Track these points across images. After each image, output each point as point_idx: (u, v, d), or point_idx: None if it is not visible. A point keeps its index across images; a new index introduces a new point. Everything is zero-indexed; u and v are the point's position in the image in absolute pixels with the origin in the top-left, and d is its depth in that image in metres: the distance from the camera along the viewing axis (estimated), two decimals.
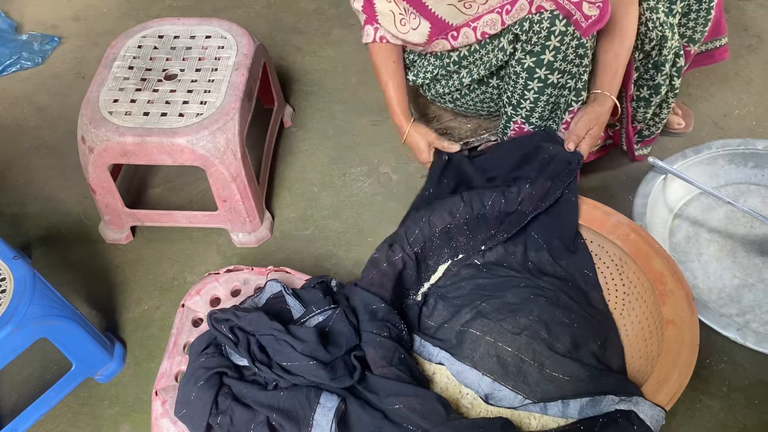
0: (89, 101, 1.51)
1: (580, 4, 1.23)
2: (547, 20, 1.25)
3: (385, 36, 1.43)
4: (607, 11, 1.24)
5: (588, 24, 1.24)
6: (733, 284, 1.51)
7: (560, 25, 1.25)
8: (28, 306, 1.20)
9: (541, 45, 1.28)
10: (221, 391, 1.12)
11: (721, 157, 1.66)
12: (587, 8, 1.23)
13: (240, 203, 1.55)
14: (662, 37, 1.39)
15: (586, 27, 1.24)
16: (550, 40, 1.27)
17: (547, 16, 1.24)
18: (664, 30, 1.38)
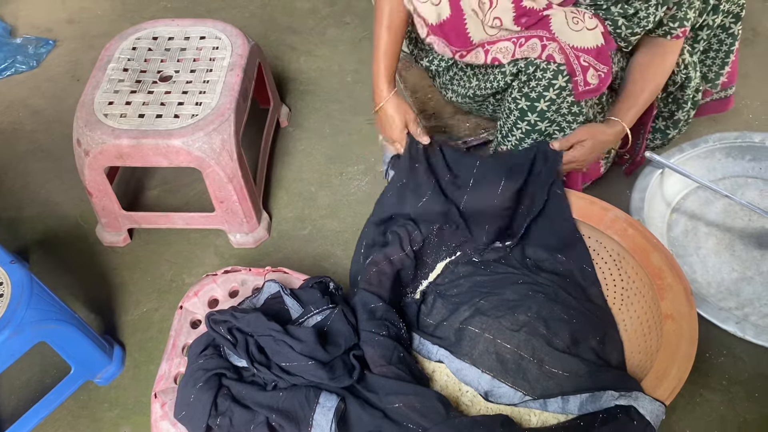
0: (84, 104, 1.51)
1: (587, 69, 1.26)
2: (552, 72, 1.26)
3: None
4: (604, 84, 1.28)
5: (584, 90, 1.28)
6: (731, 278, 1.51)
7: (561, 80, 1.27)
8: (26, 310, 1.20)
9: (538, 93, 1.30)
10: (220, 392, 1.12)
11: (718, 151, 1.66)
12: (591, 75, 1.26)
13: (237, 204, 1.55)
14: (686, 78, 1.44)
15: (581, 91, 1.28)
16: (548, 91, 1.29)
17: (553, 68, 1.26)
18: (689, 71, 1.44)
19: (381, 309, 1.23)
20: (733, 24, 1.42)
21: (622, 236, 1.33)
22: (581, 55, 1.26)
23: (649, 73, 1.39)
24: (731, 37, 1.45)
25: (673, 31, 1.34)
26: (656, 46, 1.38)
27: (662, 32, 1.35)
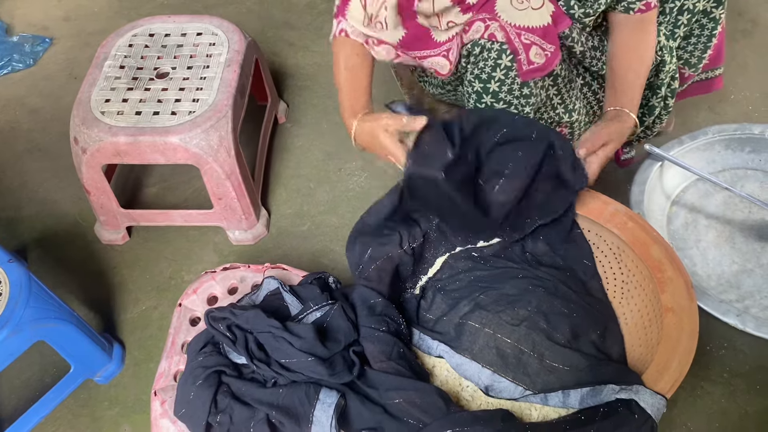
0: (81, 102, 1.50)
1: (529, 47, 1.24)
2: (495, 51, 1.25)
3: (347, 29, 1.29)
4: (552, 63, 1.26)
5: (528, 69, 1.26)
6: (732, 270, 1.50)
7: (506, 60, 1.26)
8: (24, 309, 1.20)
9: (487, 74, 1.28)
10: (220, 389, 1.12)
11: (717, 143, 1.66)
12: (534, 53, 1.24)
13: (235, 201, 1.54)
14: (661, 61, 1.40)
15: (525, 71, 1.26)
16: (496, 71, 1.27)
17: (496, 48, 1.25)
18: (663, 54, 1.39)
19: (380, 305, 1.23)
20: (714, 8, 1.39)
21: (621, 229, 1.32)
22: (523, 33, 1.24)
23: (634, 56, 1.34)
24: (713, 21, 1.42)
25: (633, 6, 1.30)
26: (628, 26, 1.33)
27: (622, 8, 1.31)
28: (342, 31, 1.29)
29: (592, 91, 1.48)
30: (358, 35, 1.28)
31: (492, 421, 1.07)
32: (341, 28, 1.29)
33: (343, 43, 1.30)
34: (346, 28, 1.28)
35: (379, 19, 1.26)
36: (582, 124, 1.48)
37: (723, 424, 1.31)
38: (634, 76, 1.35)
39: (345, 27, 1.28)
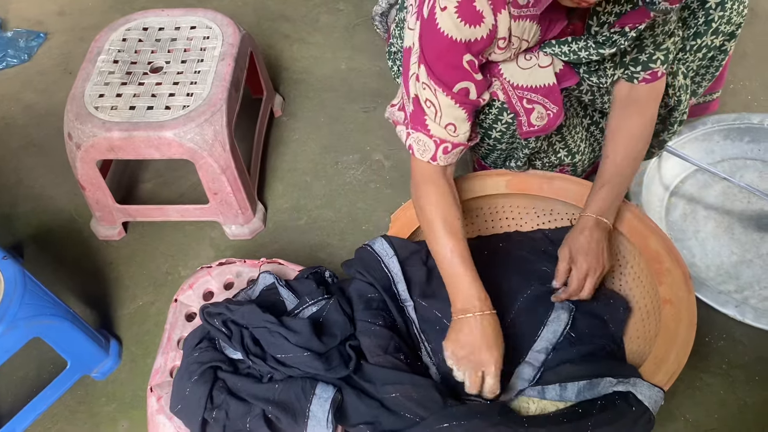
0: (74, 97, 1.49)
1: (531, 111, 1.23)
2: (497, 108, 1.25)
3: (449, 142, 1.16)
4: (553, 124, 1.24)
5: (528, 130, 1.25)
6: (731, 261, 1.50)
7: (507, 117, 1.26)
8: (19, 306, 1.19)
9: (488, 124, 1.29)
10: (216, 385, 1.11)
11: (716, 133, 1.65)
12: (535, 117, 1.23)
13: (231, 195, 1.53)
14: (677, 101, 1.36)
15: (526, 131, 1.26)
16: (497, 124, 1.28)
17: (498, 105, 1.24)
18: (680, 94, 1.35)
19: (377, 299, 1.22)
20: (727, 41, 1.37)
21: (619, 221, 1.31)
22: (526, 95, 1.21)
23: (619, 140, 1.24)
24: (724, 53, 1.39)
25: (636, 76, 1.21)
26: (628, 100, 1.24)
27: (626, 76, 1.23)
28: (437, 153, 1.17)
29: (600, 129, 1.46)
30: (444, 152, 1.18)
31: (489, 415, 1.07)
32: (433, 153, 1.17)
33: (430, 180, 1.19)
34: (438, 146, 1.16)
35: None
36: (585, 160, 1.47)
37: (722, 415, 1.31)
38: (630, 171, 1.25)
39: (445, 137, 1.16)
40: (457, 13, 1.05)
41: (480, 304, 1.13)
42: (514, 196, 1.40)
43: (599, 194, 1.22)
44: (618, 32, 1.13)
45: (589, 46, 1.15)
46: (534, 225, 1.43)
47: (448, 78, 1.11)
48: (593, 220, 1.21)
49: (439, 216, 1.17)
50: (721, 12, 1.28)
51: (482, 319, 1.12)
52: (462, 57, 1.09)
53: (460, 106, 1.13)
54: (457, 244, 1.15)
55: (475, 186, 1.40)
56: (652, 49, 1.19)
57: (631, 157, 1.24)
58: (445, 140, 1.16)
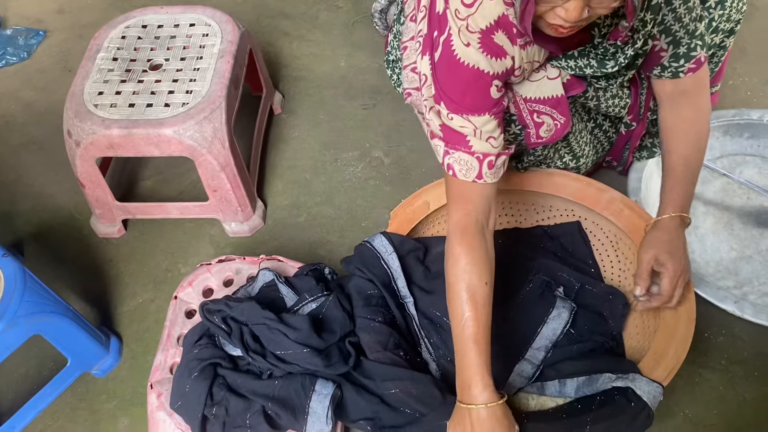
0: (74, 95, 1.49)
1: (540, 125, 1.23)
2: (505, 120, 1.23)
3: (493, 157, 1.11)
4: (560, 134, 1.24)
5: (536, 141, 1.26)
6: (730, 257, 1.50)
7: (515, 128, 1.25)
8: (19, 303, 1.19)
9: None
10: (216, 382, 1.12)
11: (715, 129, 1.65)
12: (544, 130, 1.23)
13: (231, 193, 1.54)
14: None
15: (533, 142, 1.26)
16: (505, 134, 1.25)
17: (506, 117, 1.23)
18: None
19: (376, 295, 1.23)
20: (727, 38, 1.36)
21: (618, 217, 1.32)
22: (537, 108, 1.21)
23: (678, 133, 1.21)
24: (723, 49, 1.39)
25: (681, 69, 1.19)
26: (675, 93, 1.22)
27: (669, 74, 1.20)
28: (482, 170, 1.10)
29: (603, 131, 1.46)
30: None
31: None
32: (477, 168, 1.10)
33: (466, 236, 1.09)
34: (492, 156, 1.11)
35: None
36: (589, 163, 1.47)
37: (721, 411, 1.31)
38: (675, 161, 1.20)
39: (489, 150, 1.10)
40: (481, 48, 1.05)
41: (487, 397, 1.02)
42: (514, 193, 1.40)
43: (675, 191, 1.17)
44: (613, 45, 1.13)
45: (592, 64, 1.16)
46: (533, 221, 1.44)
47: (478, 106, 1.09)
48: (677, 220, 1.15)
49: (466, 286, 1.06)
50: (720, 11, 1.27)
51: (487, 413, 1.02)
52: (490, 85, 1.08)
53: (494, 117, 1.11)
54: (474, 323, 1.05)
55: None
56: (688, 39, 1.17)
57: (695, 148, 1.20)
58: (488, 153, 1.11)
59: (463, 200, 1.12)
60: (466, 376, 1.04)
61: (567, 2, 0.91)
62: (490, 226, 1.13)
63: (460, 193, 1.12)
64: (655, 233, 1.16)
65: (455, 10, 1.05)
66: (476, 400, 1.02)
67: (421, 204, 1.36)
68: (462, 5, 1.04)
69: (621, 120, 1.43)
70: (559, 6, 0.93)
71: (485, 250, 1.10)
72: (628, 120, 1.42)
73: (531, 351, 1.23)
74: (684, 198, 1.17)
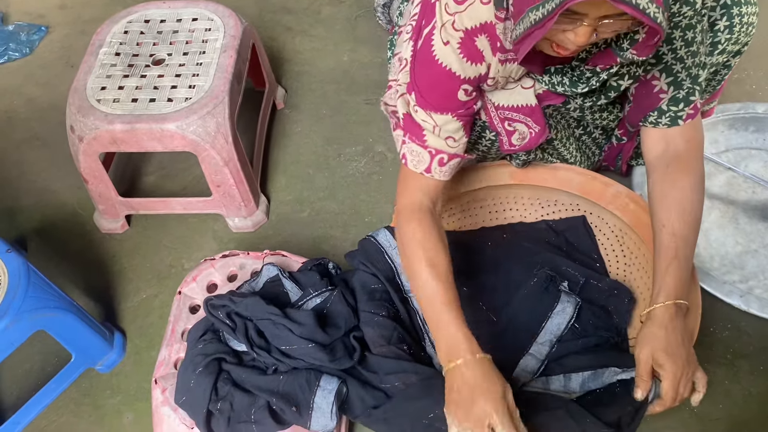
0: (77, 90, 1.49)
1: (512, 134, 1.23)
2: (479, 127, 1.25)
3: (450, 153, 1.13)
4: (534, 143, 1.24)
5: (509, 148, 1.25)
6: (735, 251, 1.49)
7: (489, 134, 1.26)
8: (23, 299, 1.19)
9: (474, 140, 1.29)
10: (220, 377, 1.12)
11: (720, 123, 1.64)
12: (516, 138, 1.23)
13: (234, 188, 1.53)
14: None
15: (507, 149, 1.26)
16: (481, 140, 1.29)
17: (480, 124, 1.24)
18: None
19: (380, 290, 1.22)
20: (732, 58, 1.34)
21: (623, 211, 1.31)
22: (509, 116, 1.21)
23: (672, 206, 1.09)
24: (727, 68, 1.38)
25: (680, 115, 1.13)
26: (668, 158, 1.14)
27: (668, 119, 1.14)
28: (431, 165, 1.12)
29: (592, 138, 1.45)
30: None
31: None
32: (428, 161, 1.12)
33: (418, 216, 1.11)
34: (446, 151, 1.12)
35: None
36: (583, 165, 1.45)
37: (727, 405, 1.31)
38: (693, 237, 1.09)
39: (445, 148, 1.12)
40: (459, 49, 1.05)
41: (467, 348, 1.00)
42: (518, 187, 1.40)
43: (669, 274, 1.05)
44: (590, 70, 1.12)
45: (564, 83, 1.15)
46: (538, 216, 1.43)
47: (443, 105, 1.10)
48: (673, 309, 1.04)
49: (424, 256, 1.07)
50: (728, 35, 1.25)
51: (472, 365, 0.99)
52: (458, 88, 1.09)
53: (457, 119, 1.12)
54: (442, 288, 1.05)
55: (480, 177, 1.39)
56: (690, 83, 1.13)
57: (691, 224, 1.09)
58: (441, 151, 1.12)
59: (411, 188, 1.15)
60: (448, 337, 1.02)
61: (577, 28, 0.91)
62: (437, 210, 1.17)
63: (409, 183, 1.16)
64: (649, 328, 1.04)
65: (445, 4, 1.05)
66: (463, 354, 0.99)
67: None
68: (453, 1, 1.04)
69: (612, 131, 1.42)
70: (570, 31, 0.92)
71: (437, 226, 1.12)
72: (618, 134, 1.40)
73: (536, 345, 1.23)
74: (678, 281, 1.05)
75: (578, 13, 0.89)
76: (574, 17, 0.90)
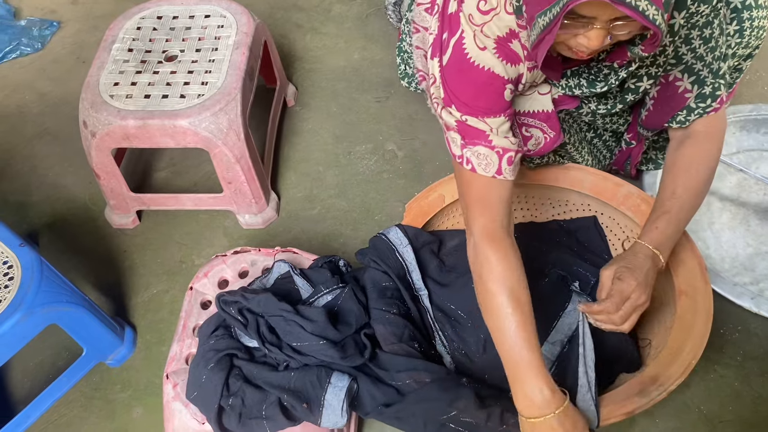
0: (89, 85, 1.49)
1: (528, 138, 1.22)
2: None
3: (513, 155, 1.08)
4: (549, 148, 1.23)
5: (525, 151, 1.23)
6: (746, 253, 1.49)
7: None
8: (36, 293, 1.20)
9: None
10: (232, 372, 1.12)
11: (732, 124, 1.64)
12: (532, 144, 1.23)
13: (245, 185, 1.54)
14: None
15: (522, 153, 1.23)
16: None
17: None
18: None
19: (391, 288, 1.23)
20: (743, 61, 1.34)
21: (635, 212, 1.31)
22: (525, 121, 1.20)
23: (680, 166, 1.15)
24: (739, 71, 1.38)
25: (708, 109, 1.15)
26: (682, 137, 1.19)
27: (697, 116, 1.16)
28: (501, 165, 1.08)
29: (602, 140, 1.45)
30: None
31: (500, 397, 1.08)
32: (497, 166, 1.08)
33: (493, 237, 1.06)
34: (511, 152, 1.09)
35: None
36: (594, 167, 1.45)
37: (736, 407, 1.31)
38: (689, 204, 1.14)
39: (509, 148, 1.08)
40: (497, 52, 1.04)
41: (552, 398, 0.98)
42: (530, 187, 1.40)
43: (655, 224, 1.11)
44: (608, 67, 1.12)
45: (582, 84, 1.15)
46: (549, 216, 1.43)
47: (493, 108, 1.07)
48: (649, 252, 1.09)
49: (505, 287, 1.03)
50: (738, 39, 1.26)
51: (562, 418, 0.98)
52: (504, 88, 1.07)
53: (507, 119, 1.09)
54: (523, 321, 1.02)
55: None
56: (713, 79, 1.14)
57: (691, 188, 1.13)
58: (508, 149, 1.08)
59: (483, 203, 1.08)
60: (527, 383, 0.99)
61: (589, 31, 0.91)
62: (511, 229, 1.10)
63: (481, 195, 1.09)
64: (623, 253, 1.11)
65: (469, 15, 1.04)
66: (554, 409, 0.98)
67: (436, 197, 1.35)
68: (478, 12, 1.04)
69: (622, 135, 1.42)
70: (581, 35, 0.92)
71: (517, 254, 1.07)
72: (627, 138, 1.40)
73: (546, 345, 1.23)
74: (662, 233, 1.10)
75: (586, 16, 0.89)
76: (583, 20, 0.90)
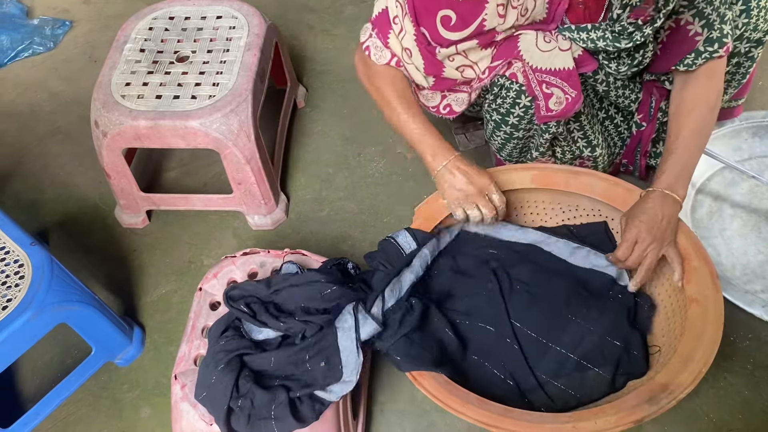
0: (101, 85, 1.50)
1: (549, 97, 1.23)
2: (515, 91, 1.26)
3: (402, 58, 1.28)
4: (571, 109, 1.24)
5: (546, 115, 1.25)
6: (757, 260, 1.48)
7: (525, 100, 1.27)
8: (47, 292, 1.21)
9: (506, 109, 1.31)
10: (242, 374, 1.12)
11: (744, 130, 1.63)
12: (554, 102, 1.24)
13: (255, 186, 1.54)
14: None
15: (543, 116, 1.26)
16: (515, 108, 1.29)
17: (516, 88, 1.26)
18: None
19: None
20: (754, 48, 1.33)
21: None
22: (546, 79, 1.22)
23: (683, 108, 1.23)
24: (751, 60, 1.37)
25: (715, 54, 1.20)
26: (684, 79, 1.25)
27: (703, 60, 1.21)
28: (399, 62, 1.28)
29: (614, 124, 1.45)
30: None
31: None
32: (388, 57, 1.29)
33: (391, 74, 1.30)
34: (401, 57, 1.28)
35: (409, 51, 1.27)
36: (605, 158, 1.46)
37: (746, 416, 1.30)
38: (694, 143, 1.22)
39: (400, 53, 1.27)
40: None
41: (448, 151, 1.23)
42: (540, 191, 1.39)
43: (662, 168, 1.20)
44: (633, 24, 1.13)
45: (606, 37, 1.17)
46: (559, 221, 1.42)
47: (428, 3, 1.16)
48: (657, 194, 1.18)
49: (395, 93, 1.26)
50: (746, 19, 1.25)
51: (456, 161, 1.22)
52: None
53: (419, 52, 1.21)
54: (415, 112, 1.25)
55: (501, 180, 1.38)
56: (720, 24, 1.17)
57: (694, 129, 1.21)
58: (399, 58, 1.26)
59: (378, 68, 1.30)
60: (430, 147, 1.23)
61: None
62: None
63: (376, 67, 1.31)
64: (637, 204, 1.21)
65: None
66: (448, 155, 1.22)
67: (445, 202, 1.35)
68: None
69: (632, 116, 1.42)
70: None
71: (404, 76, 1.29)
72: (638, 119, 1.40)
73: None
74: (672, 174, 1.19)
75: None
76: None
